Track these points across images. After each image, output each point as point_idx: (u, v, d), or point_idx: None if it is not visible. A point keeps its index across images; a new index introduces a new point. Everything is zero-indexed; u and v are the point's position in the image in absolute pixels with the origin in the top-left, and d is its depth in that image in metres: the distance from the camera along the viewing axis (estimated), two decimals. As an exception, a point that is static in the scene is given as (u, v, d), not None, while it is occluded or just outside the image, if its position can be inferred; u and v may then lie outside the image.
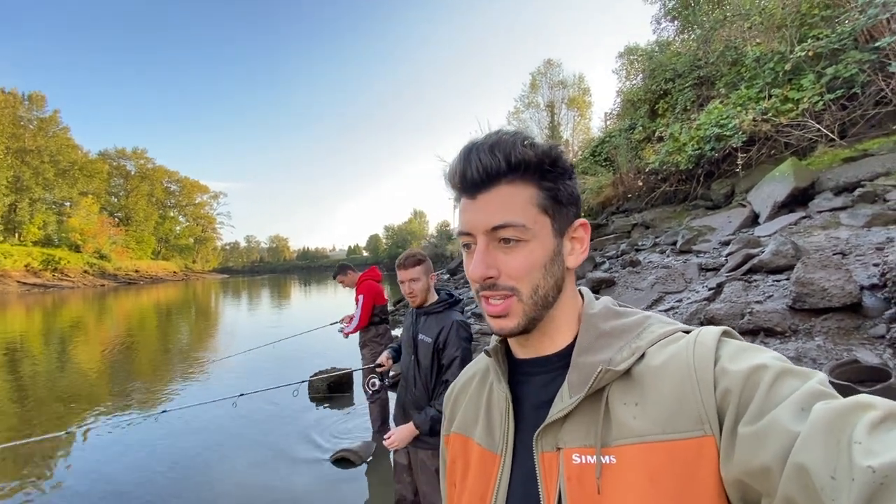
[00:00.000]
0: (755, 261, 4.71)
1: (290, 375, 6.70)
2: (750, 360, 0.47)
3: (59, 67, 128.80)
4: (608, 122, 17.78)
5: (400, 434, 2.27)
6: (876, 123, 7.06)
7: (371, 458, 3.94)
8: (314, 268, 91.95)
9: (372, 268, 4.82)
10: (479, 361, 0.75)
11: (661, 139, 10.57)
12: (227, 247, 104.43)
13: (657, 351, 0.54)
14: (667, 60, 11.24)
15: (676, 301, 4.88)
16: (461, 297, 2.60)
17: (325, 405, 5.40)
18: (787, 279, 3.95)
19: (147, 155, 65.25)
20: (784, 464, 0.39)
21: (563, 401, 0.56)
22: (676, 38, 13.37)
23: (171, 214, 70.57)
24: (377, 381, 3.62)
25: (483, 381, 0.71)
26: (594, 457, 0.51)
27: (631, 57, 14.30)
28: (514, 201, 0.57)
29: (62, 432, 3.93)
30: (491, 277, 0.57)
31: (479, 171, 0.57)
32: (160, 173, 67.46)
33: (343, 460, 3.85)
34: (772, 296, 4.00)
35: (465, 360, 2.27)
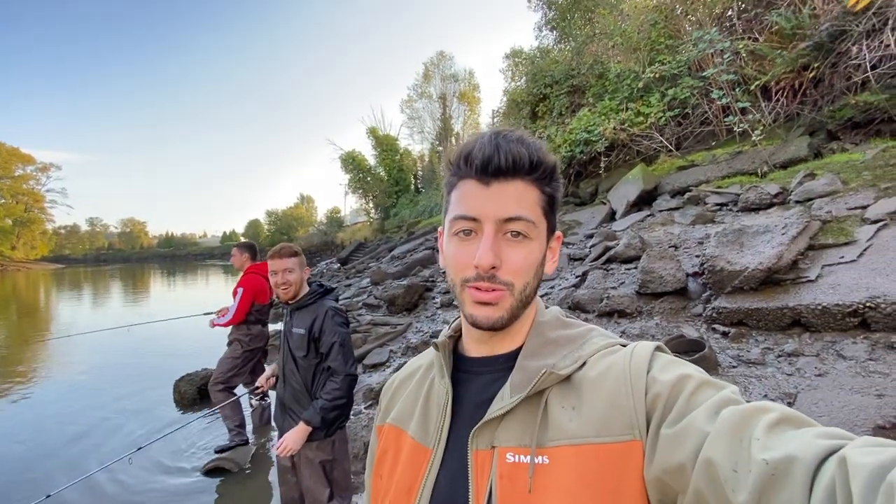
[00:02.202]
0: (612, 252, 5.42)
1: (153, 376, 5.90)
2: (677, 370, 0.52)
3: None
4: (496, 120, 18.79)
5: (292, 438, 2.16)
6: (701, 139, 8.63)
7: (249, 462, 3.66)
8: (180, 256, 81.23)
9: (265, 263, 4.35)
10: (425, 356, 0.74)
11: (539, 139, 11.51)
12: (63, 231, 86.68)
13: (597, 361, 0.57)
14: (546, 67, 12.21)
15: (549, 288, 5.40)
16: (334, 286, 2.58)
17: (195, 410, 4.86)
18: (636, 268, 4.63)
19: (-63, 110, 50.29)
20: (696, 460, 0.43)
21: (504, 400, 0.57)
22: (555, 46, 14.62)
23: (-22, 189, 55.93)
24: (255, 402, 3.49)
25: (425, 376, 0.71)
26: (528, 456, 0.53)
27: (516, 59, 15.22)
28: (527, 198, 0.58)
29: None
30: (495, 267, 0.57)
31: (507, 160, 0.57)
32: (-42, 135, 52.78)
33: (217, 469, 3.51)
34: (624, 282, 4.66)
35: (344, 344, 2.24)
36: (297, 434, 2.16)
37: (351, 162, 26.72)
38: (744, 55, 7.34)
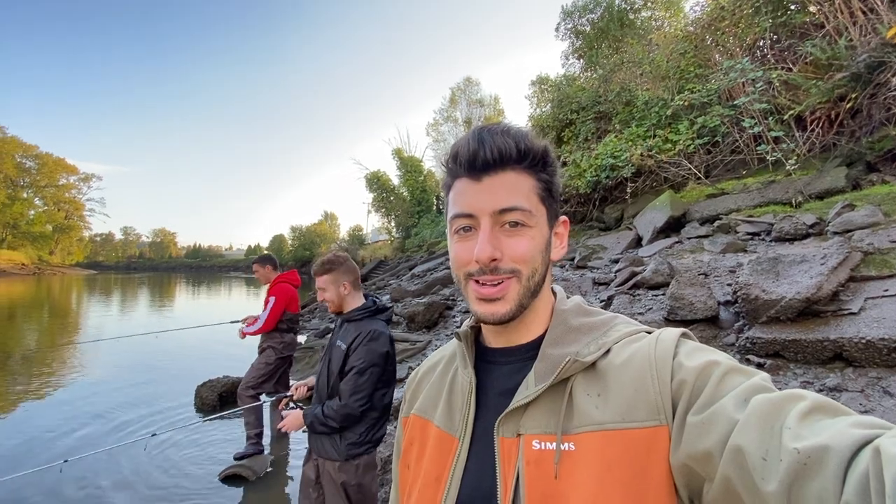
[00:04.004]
0: (638, 277, 5.31)
1: (177, 387, 6.00)
2: (704, 357, 0.51)
3: None
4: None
5: (291, 419, 2.19)
6: (731, 168, 8.48)
7: (268, 471, 3.65)
8: (205, 267, 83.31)
9: (292, 271, 4.48)
10: (447, 347, 0.75)
11: (564, 164, 11.55)
12: (98, 238, 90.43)
13: (622, 348, 0.56)
14: (573, 93, 12.31)
15: (574, 311, 5.30)
16: (388, 305, 2.48)
17: (215, 417, 4.89)
18: (664, 294, 4.52)
19: (-5, 122, 54.02)
20: (724, 447, 0.42)
21: (528, 388, 0.57)
22: (582, 74, 14.78)
23: (25, 196, 59.05)
24: (286, 413, 3.45)
25: (448, 366, 0.71)
26: (554, 443, 0.53)
27: (542, 86, 15.41)
28: (520, 187, 0.59)
29: None
30: (496, 259, 0.57)
31: (492, 153, 0.57)
32: (11, 146, 56.17)
33: (234, 477, 3.51)
34: (651, 308, 4.54)
35: (363, 373, 2.12)
36: (295, 418, 2.20)
37: (376, 182, 27.24)
38: (777, 85, 7.25)
